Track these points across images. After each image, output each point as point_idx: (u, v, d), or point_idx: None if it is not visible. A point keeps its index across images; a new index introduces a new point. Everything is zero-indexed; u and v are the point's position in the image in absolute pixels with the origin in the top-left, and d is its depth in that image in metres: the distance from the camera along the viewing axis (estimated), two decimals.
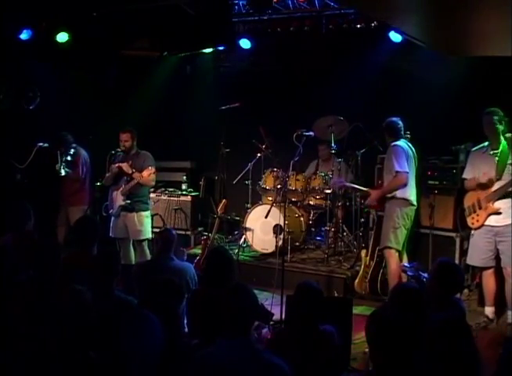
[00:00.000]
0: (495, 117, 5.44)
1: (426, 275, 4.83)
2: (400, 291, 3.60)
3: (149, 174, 6.40)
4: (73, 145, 7.33)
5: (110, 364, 3.04)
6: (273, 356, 2.96)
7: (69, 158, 7.25)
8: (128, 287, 4.31)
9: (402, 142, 5.96)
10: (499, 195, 5.46)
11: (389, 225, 5.91)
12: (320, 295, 3.67)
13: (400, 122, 6.03)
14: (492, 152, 5.54)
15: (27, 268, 4.15)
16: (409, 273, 5.33)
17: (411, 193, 5.94)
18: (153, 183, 6.94)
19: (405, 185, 5.85)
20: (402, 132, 6.03)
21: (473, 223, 5.63)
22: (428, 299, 3.61)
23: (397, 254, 5.94)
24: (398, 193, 5.88)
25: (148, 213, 6.77)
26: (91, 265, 4.12)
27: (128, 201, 6.58)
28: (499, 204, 5.46)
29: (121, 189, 6.62)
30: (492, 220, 5.50)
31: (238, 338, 2.93)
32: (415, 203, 5.99)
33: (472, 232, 5.70)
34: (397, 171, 5.82)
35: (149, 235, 6.62)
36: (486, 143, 5.63)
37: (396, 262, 5.91)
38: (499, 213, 5.45)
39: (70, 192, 7.36)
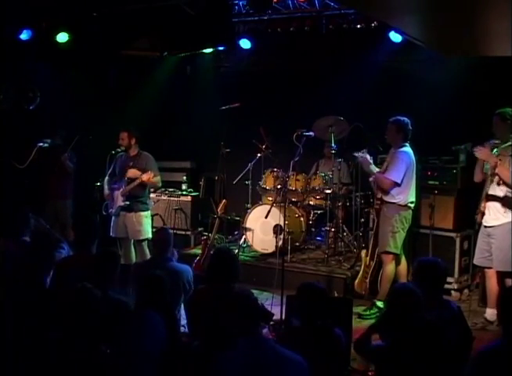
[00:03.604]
0: None
1: None
2: (399, 292, 3.60)
3: (147, 178, 6.41)
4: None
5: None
6: (293, 353, 3.00)
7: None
8: (125, 287, 4.31)
9: (410, 150, 5.96)
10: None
11: (387, 229, 5.93)
12: (324, 294, 3.67)
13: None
14: None
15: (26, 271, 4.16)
16: None
17: (411, 199, 5.97)
18: (159, 185, 6.99)
19: (385, 190, 5.89)
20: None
21: None
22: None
23: (394, 258, 5.99)
24: (399, 200, 5.90)
25: (147, 213, 6.75)
26: (90, 265, 4.12)
27: (127, 202, 6.56)
28: (489, 204, 5.43)
29: (122, 189, 6.62)
30: (484, 220, 5.48)
31: (254, 337, 2.97)
32: (413, 206, 6.02)
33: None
34: (388, 178, 5.86)
35: (149, 235, 6.60)
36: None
37: (393, 267, 5.97)
38: (490, 213, 5.43)
39: (61, 186, 7.46)
